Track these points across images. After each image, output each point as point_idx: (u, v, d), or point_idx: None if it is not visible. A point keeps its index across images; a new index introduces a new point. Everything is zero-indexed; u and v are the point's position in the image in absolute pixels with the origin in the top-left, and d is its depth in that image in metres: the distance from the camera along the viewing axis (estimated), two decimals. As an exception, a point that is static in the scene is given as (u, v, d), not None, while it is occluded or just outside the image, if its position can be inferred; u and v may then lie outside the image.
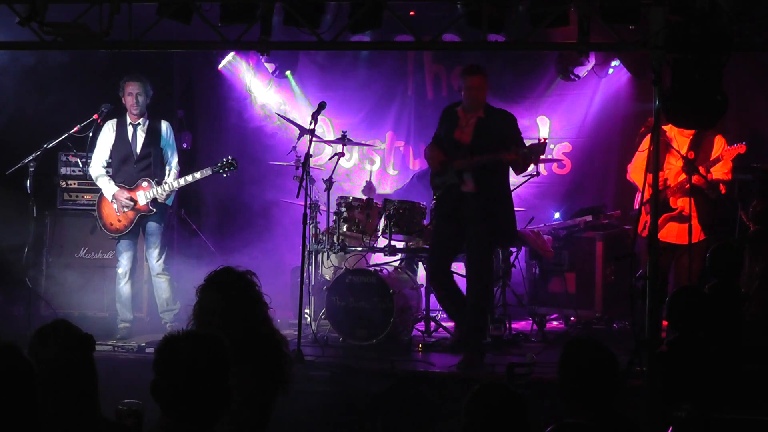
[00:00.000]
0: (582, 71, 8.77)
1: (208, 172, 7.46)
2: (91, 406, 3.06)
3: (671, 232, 7.04)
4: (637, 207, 7.16)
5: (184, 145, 8.71)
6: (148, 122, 7.45)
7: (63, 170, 8.20)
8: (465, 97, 6.67)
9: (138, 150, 7.43)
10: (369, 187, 9.01)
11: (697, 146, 7.08)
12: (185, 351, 2.74)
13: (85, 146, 7.61)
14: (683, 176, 7.02)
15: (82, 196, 8.18)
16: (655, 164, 5.61)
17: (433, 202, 7.04)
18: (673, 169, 7.13)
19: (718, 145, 7.07)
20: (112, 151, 7.47)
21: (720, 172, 7.05)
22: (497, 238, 6.83)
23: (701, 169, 6.96)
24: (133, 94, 7.34)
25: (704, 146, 7.09)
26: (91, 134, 7.49)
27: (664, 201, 7.06)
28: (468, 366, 6.44)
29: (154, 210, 7.40)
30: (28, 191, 7.38)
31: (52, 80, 8.30)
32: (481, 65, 6.83)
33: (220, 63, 9.41)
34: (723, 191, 7.08)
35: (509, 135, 6.62)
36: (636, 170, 7.35)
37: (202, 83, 9.66)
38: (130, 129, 7.44)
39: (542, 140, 6.69)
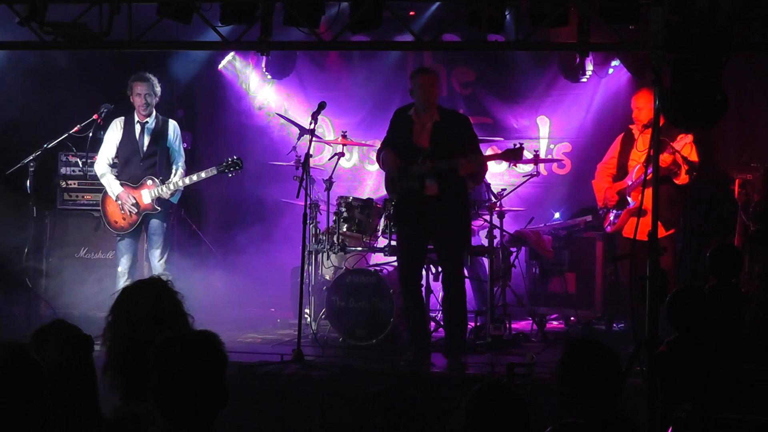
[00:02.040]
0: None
1: (213, 171, 7.45)
2: (91, 407, 3.06)
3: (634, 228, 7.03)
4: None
5: (185, 145, 8.72)
6: (156, 121, 7.46)
7: (63, 170, 8.20)
8: (417, 96, 6.65)
9: (144, 148, 7.43)
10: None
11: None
12: (180, 351, 2.73)
13: (85, 146, 7.61)
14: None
15: (82, 196, 8.18)
16: (655, 164, 5.60)
17: (392, 204, 6.98)
18: (635, 164, 7.27)
19: (681, 142, 7.11)
20: (118, 149, 7.48)
21: (684, 152, 7.11)
22: (462, 240, 6.75)
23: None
24: (141, 94, 7.35)
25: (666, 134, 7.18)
26: (90, 134, 7.49)
27: (623, 198, 7.37)
28: (456, 368, 6.44)
29: (159, 209, 7.40)
30: (28, 191, 7.40)
31: (52, 80, 8.31)
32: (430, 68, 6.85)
33: (220, 63, 9.41)
34: (692, 171, 7.10)
35: (466, 138, 6.63)
36: (598, 176, 7.61)
37: (202, 83, 9.66)
38: (137, 127, 7.44)
39: (518, 145, 6.80)
